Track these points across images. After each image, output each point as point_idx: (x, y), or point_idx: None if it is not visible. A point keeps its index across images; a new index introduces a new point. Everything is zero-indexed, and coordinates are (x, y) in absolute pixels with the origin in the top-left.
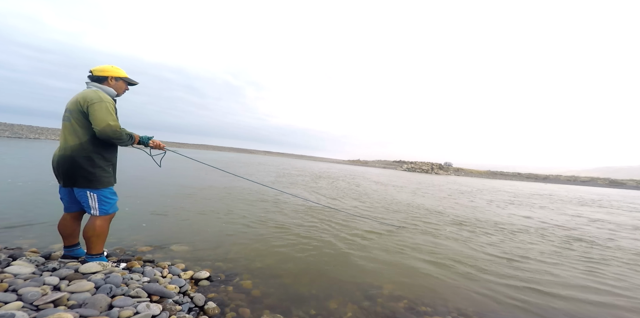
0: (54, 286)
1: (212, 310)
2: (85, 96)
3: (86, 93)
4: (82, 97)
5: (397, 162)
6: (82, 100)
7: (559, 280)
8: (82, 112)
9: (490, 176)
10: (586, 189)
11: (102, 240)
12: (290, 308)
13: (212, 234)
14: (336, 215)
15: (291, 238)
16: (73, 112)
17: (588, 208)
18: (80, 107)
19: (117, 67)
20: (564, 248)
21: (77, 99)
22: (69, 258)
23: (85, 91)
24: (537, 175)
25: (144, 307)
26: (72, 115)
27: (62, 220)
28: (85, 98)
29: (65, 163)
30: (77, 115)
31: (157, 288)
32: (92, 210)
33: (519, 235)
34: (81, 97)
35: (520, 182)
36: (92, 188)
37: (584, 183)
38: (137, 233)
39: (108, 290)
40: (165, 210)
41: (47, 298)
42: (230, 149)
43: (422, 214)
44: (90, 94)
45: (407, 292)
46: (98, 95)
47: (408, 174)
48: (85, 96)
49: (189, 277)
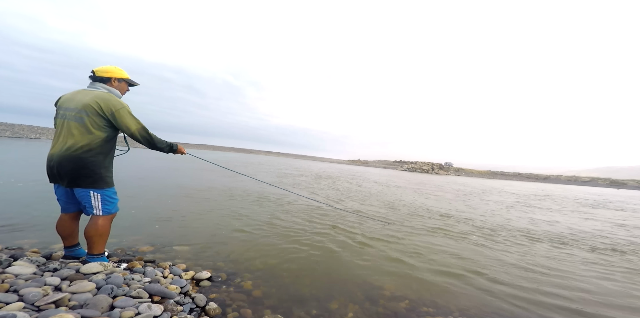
0: (55, 286)
1: (213, 311)
2: (107, 100)
3: (104, 97)
4: (103, 102)
5: (398, 162)
6: (104, 104)
7: (597, 297)
8: (101, 116)
9: (490, 176)
10: (591, 190)
11: (104, 239)
12: (291, 309)
13: (213, 234)
14: (339, 216)
15: (293, 239)
16: (90, 114)
17: (607, 212)
18: (100, 110)
19: (119, 68)
20: (600, 258)
21: (96, 101)
22: (70, 258)
23: (101, 94)
24: (538, 175)
25: (146, 308)
26: (89, 116)
27: (59, 220)
28: (108, 104)
29: (69, 163)
30: (96, 118)
31: (158, 288)
32: (95, 210)
33: (547, 242)
34: (101, 101)
35: (521, 182)
36: (96, 188)
37: (584, 183)
38: (138, 233)
39: (109, 290)
40: (167, 210)
41: (48, 298)
42: (231, 149)
43: (429, 215)
44: (111, 99)
45: (409, 293)
46: (118, 101)
47: (408, 174)
48: (107, 101)
49: (190, 277)
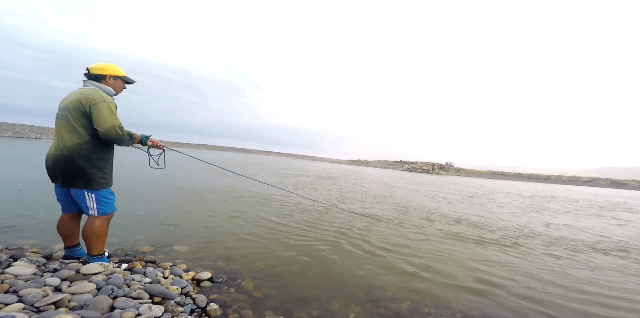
0: (55, 287)
1: (214, 312)
2: (87, 95)
3: (87, 92)
4: (84, 97)
5: (398, 162)
6: (84, 99)
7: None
8: (82, 112)
9: (491, 176)
10: (596, 191)
11: (102, 240)
12: (292, 310)
13: (214, 234)
14: (342, 218)
15: (294, 240)
16: (72, 111)
17: (632, 215)
18: (81, 106)
19: (115, 66)
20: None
21: (78, 98)
22: (70, 258)
23: (85, 90)
24: (539, 175)
25: (146, 309)
26: (71, 114)
27: (60, 220)
28: (87, 98)
29: (61, 163)
30: (77, 115)
31: (159, 289)
32: (90, 211)
33: (588, 252)
34: (82, 97)
35: (522, 182)
36: (89, 188)
37: (585, 183)
38: (139, 233)
39: (109, 291)
40: (168, 211)
41: (48, 299)
42: (231, 149)
43: (445, 220)
44: (91, 94)
45: (411, 295)
46: (100, 95)
47: (409, 174)
48: (87, 96)
49: (191, 278)
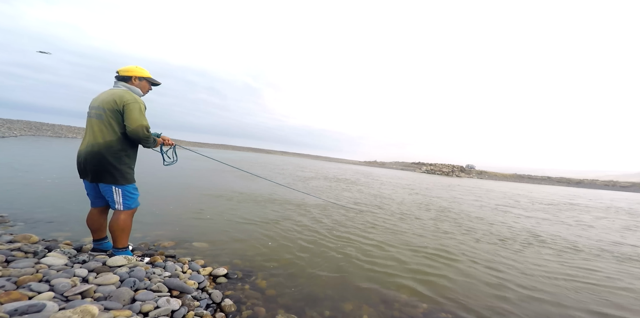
0: (83, 278)
1: (228, 307)
2: (122, 95)
3: (121, 93)
4: (118, 97)
5: (416, 164)
6: (119, 99)
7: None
8: (118, 112)
9: (516, 179)
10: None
11: (126, 234)
12: (304, 309)
13: (232, 232)
14: (360, 220)
15: (310, 241)
16: (107, 110)
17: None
18: (116, 106)
19: (141, 68)
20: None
21: (113, 98)
22: (98, 251)
23: (118, 91)
24: (570, 179)
25: (164, 302)
26: (106, 113)
27: (89, 214)
28: (122, 98)
29: (93, 160)
30: (112, 113)
31: (177, 283)
32: (116, 205)
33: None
34: (117, 97)
35: (552, 186)
36: (117, 183)
37: (624, 188)
38: (161, 228)
39: (132, 283)
40: (188, 208)
41: (76, 289)
42: (248, 149)
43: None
44: (125, 95)
45: (428, 300)
46: (132, 96)
47: (428, 176)
48: (122, 96)
49: (208, 273)
